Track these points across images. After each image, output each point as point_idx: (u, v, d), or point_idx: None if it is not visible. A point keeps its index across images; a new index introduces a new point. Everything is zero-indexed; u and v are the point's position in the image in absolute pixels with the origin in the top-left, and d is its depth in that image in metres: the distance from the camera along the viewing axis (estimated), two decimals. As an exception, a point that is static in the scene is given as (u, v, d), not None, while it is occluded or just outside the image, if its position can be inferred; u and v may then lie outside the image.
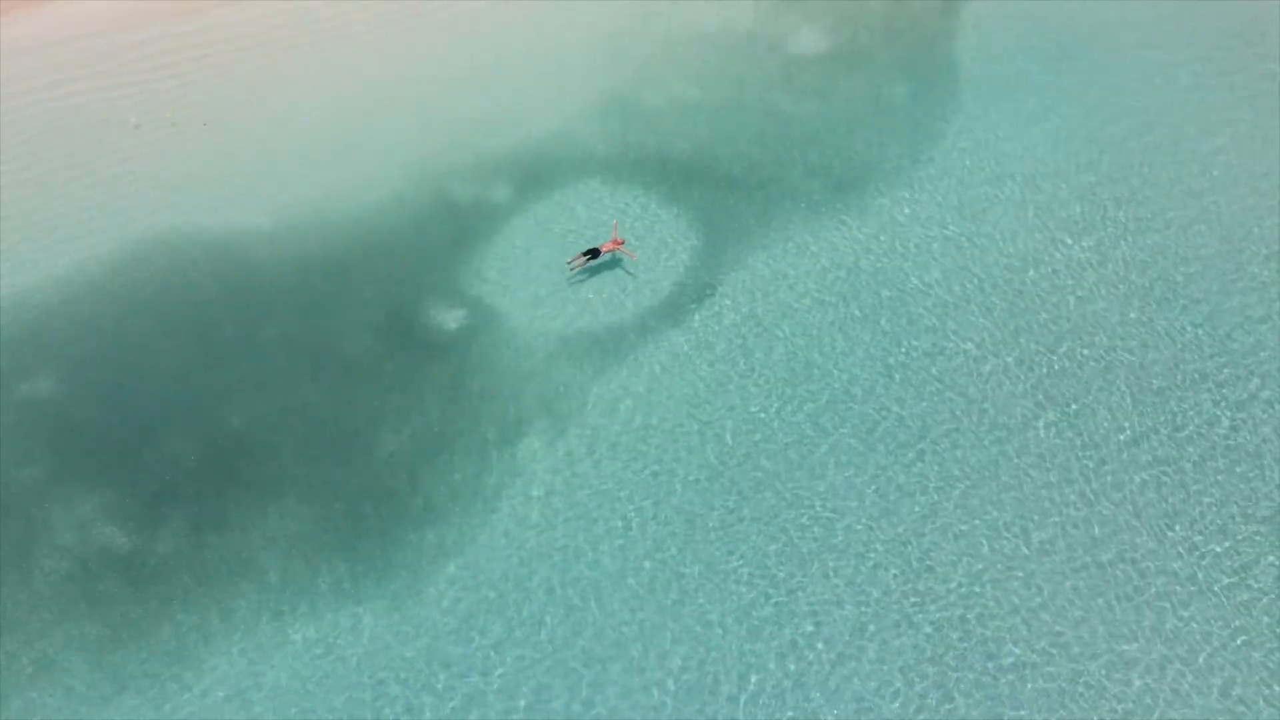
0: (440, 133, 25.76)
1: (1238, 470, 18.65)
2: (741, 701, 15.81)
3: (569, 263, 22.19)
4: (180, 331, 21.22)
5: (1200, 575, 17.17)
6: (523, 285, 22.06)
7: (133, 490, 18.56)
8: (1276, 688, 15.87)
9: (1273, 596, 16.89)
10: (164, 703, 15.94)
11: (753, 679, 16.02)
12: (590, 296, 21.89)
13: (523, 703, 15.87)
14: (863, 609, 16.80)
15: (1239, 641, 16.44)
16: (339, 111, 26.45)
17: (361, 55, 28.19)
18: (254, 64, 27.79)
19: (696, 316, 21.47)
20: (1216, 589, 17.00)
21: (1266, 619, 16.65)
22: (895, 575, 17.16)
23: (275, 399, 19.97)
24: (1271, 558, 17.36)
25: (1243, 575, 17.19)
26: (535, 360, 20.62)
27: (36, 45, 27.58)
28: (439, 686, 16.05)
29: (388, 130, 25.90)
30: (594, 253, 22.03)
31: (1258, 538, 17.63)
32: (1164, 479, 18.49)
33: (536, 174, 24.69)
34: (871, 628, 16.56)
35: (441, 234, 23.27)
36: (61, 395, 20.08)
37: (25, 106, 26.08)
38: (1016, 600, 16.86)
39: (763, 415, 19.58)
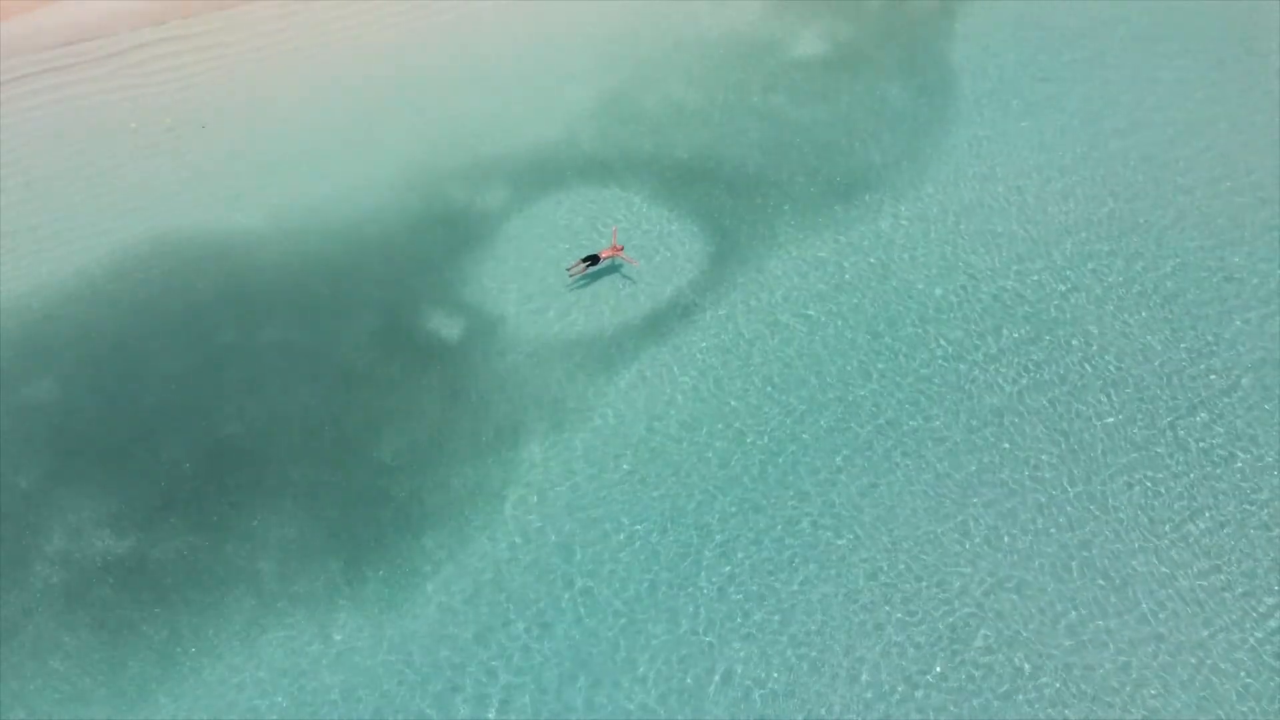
0: (440, 135, 25.74)
1: (1225, 466, 19.03)
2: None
3: (568, 270, 22.17)
4: (178, 335, 21.16)
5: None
6: (522, 291, 22.04)
7: (129, 494, 18.51)
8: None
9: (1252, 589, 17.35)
10: (161, 706, 15.92)
11: (741, 671, 16.13)
12: (590, 303, 21.88)
13: (514, 708, 15.95)
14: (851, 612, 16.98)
15: (1217, 635, 16.79)
16: (338, 114, 26.41)
17: (362, 57, 28.19)
18: (254, 66, 27.78)
19: (695, 323, 21.48)
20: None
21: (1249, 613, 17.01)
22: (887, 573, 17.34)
23: (273, 403, 19.94)
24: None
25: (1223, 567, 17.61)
26: (534, 367, 20.62)
27: (36, 47, 27.55)
28: (435, 692, 16.06)
29: (387, 133, 25.88)
30: (593, 259, 22.00)
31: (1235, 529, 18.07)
32: (1145, 476, 18.79)
33: (536, 179, 24.68)
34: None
35: (441, 238, 23.25)
36: (59, 399, 20.02)
37: (25, 109, 26.03)
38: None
39: (762, 421, 19.62)
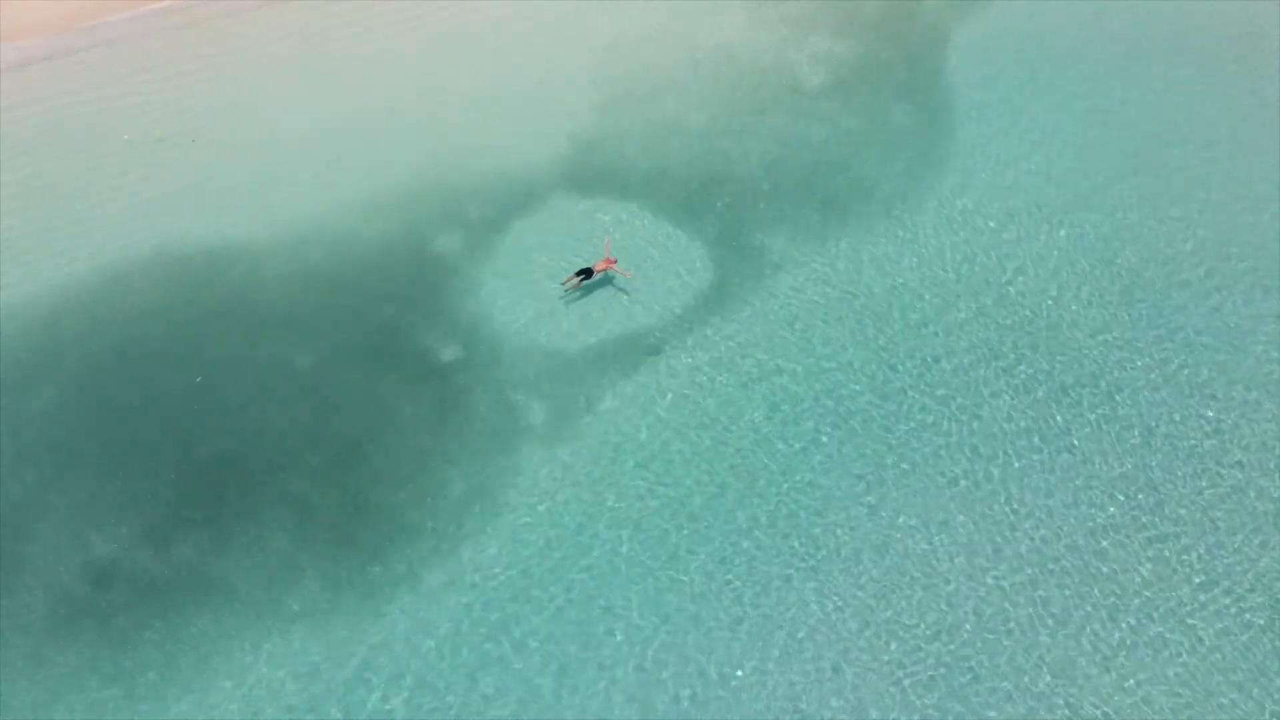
0: (433, 150, 25.77)
1: (1223, 475, 19.37)
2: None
3: (563, 283, 22.32)
4: (172, 347, 21.25)
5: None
6: (516, 305, 22.17)
7: (125, 505, 18.63)
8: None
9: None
10: (153, 715, 16.09)
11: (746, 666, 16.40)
12: (584, 316, 22.02)
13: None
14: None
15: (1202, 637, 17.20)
16: (333, 126, 26.45)
17: (356, 71, 28.17)
18: (249, 78, 27.81)
19: (690, 334, 21.63)
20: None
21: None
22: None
23: (269, 414, 20.06)
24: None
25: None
26: (529, 379, 20.77)
27: (34, 57, 27.59)
28: (432, 701, 16.26)
29: (381, 146, 25.89)
30: (587, 272, 22.12)
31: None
32: (1144, 486, 19.12)
33: (530, 193, 24.74)
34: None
35: (434, 252, 23.32)
36: (52, 411, 20.11)
37: (21, 119, 26.09)
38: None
39: (761, 431, 19.84)
